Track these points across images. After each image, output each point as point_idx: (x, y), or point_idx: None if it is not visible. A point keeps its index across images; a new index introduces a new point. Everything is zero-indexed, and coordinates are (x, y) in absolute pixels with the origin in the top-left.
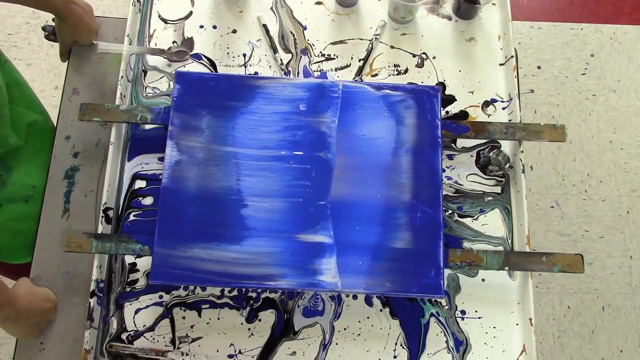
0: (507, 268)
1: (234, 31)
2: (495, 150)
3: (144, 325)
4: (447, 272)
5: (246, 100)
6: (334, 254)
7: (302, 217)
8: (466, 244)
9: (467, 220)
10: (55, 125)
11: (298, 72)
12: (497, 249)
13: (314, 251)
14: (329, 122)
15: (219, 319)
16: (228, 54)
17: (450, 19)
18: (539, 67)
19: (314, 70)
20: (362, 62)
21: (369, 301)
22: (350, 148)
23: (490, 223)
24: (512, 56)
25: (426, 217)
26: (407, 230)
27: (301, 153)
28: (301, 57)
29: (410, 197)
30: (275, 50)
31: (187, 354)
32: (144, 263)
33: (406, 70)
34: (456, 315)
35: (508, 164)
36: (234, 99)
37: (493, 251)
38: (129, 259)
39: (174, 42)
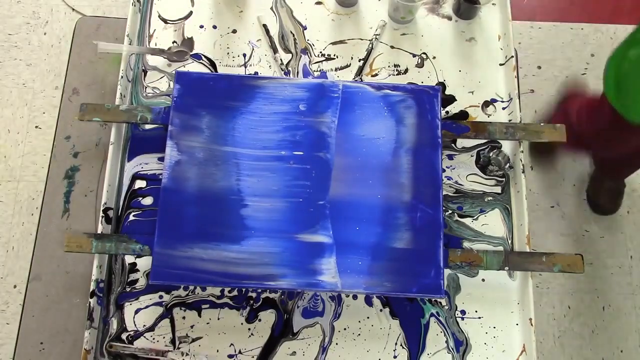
0: (507, 268)
1: (234, 31)
2: (495, 150)
3: (144, 325)
4: (447, 272)
5: (246, 100)
6: (334, 254)
7: (302, 217)
8: (466, 244)
9: (467, 220)
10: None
11: (298, 72)
12: (497, 249)
13: (314, 251)
14: (329, 122)
15: (219, 319)
16: (228, 54)
17: (450, 19)
18: (539, 67)
19: (314, 70)
20: (362, 62)
21: (369, 301)
22: (350, 148)
23: (490, 223)
24: (512, 56)
25: (426, 217)
26: (407, 230)
27: (301, 153)
28: (301, 57)
29: (410, 197)
30: (275, 50)
31: (187, 354)
32: (144, 263)
33: (406, 70)
34: (456, 316)
35: (508, 164)
36: (234, 99)
37: (493, 251)
38: (129, 259)
39: (174, 42)
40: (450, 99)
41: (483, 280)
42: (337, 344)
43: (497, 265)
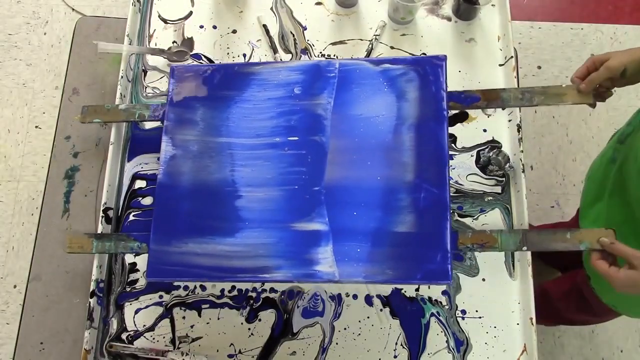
0: (525, 248)
1: (234, 31)
2: (495, 150)
3: (144, 325)
4: None
5: (241, 88)
6: (330, 242)
7: (297, 205)
8: None
9: (467, 220)
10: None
11: None
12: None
13: (310, 240)
14: (325, 104)
15: (219, 319)
16: (228, 54)
17: (449, 19)
18: (539, 67)
19: None
20: None
21: (369, 301)
22: (346, 129)
23: (491, 223)
24: (512, 57)
25: (431, 197)
26: (410, 212)
27: (296, 138)
28: (301, 57)
29: (413, 177)
30: (275, 50)
31: (187, 354)
32: (144, 263)
33: None
34: (457, 315)
35: (508, 164)
36: (228, 88)
37: (508, 230)
38: (129, 258)
39: (174, 42)
40: None
41: (483, 279)
42: (337, 343)
43: (513, 246)
